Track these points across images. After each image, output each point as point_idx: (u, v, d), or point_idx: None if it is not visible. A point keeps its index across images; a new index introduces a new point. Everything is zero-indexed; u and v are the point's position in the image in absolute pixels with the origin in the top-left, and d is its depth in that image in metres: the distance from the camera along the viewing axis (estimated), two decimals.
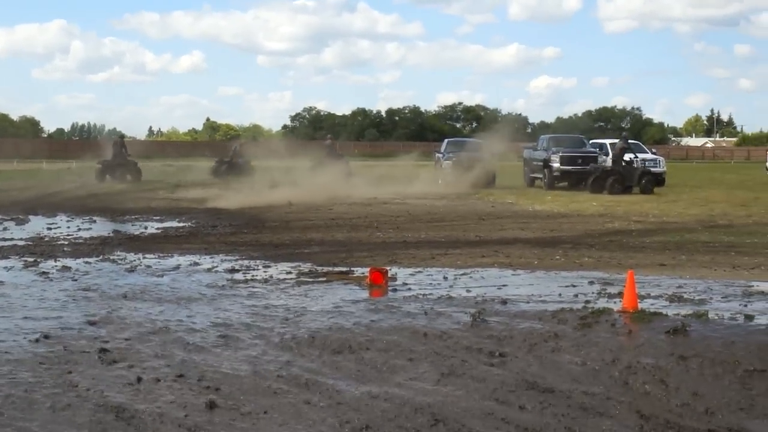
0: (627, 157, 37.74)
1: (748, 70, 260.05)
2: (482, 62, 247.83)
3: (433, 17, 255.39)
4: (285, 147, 53.96)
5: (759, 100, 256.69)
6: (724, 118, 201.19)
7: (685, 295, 12.01)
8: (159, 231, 21.44)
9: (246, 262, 15.33)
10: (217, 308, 11.17)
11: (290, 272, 14.22)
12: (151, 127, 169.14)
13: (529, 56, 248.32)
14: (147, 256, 16.13)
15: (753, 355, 8.74)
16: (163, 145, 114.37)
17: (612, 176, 37.10)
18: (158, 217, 25.18)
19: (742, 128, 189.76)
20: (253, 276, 13.81)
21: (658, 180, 39.19)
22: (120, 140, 48.03)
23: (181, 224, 23.31)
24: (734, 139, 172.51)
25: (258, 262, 15.42)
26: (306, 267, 14.79)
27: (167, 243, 18.39)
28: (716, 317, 10.41)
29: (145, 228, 22.11)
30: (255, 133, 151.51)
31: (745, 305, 11.29)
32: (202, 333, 9.77)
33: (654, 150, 46.78)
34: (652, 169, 39.69)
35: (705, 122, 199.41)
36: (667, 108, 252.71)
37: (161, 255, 16.26)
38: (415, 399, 7.43)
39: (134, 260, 15.52)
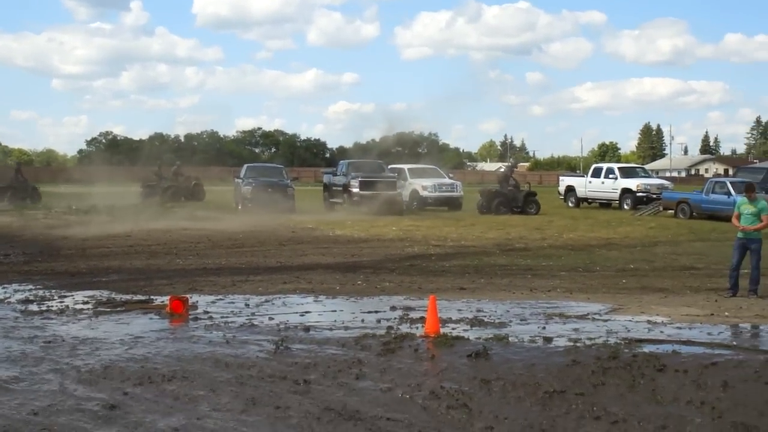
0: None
1: (539, 97, 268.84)
2: (281, 87, 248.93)
3: (231, 42, 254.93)
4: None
5: (549, 126, 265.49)
6: (517, 143, 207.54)
7: (486, 319, 12.22)
8: None
9: (41, 293, 14.81)
10: (10, 342, 10.73)
11: (87, 302, 13.81)
12: None
13: (327, 82, 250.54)
14: None
15: (553, 376, 8.94)
16: None
17: (498, 198, 39.35)
18: None
19: (534, 153, 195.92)
20: (48, 307, 13.34)
21: (455, 204, 40.66)
22: (17, 165, 50.86)
23: None
24: (527, 164, 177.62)
25: (53, 292, 14.90)
26: (104, 296, 14.41)
27: None
28: (516, 340, 10.63)
29: None
30: (49, 158, 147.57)
31: (544, 327, 11.55)
32: None
33: (451, 175, 47.63)
34: (448, 194, 41.03)
35: (499, 147, 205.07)
36: (462, 134, 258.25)
37: None
38: (219, 431, 7.30)
39: None
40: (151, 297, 14.31)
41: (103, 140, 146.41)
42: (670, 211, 38.06)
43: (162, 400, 8.24)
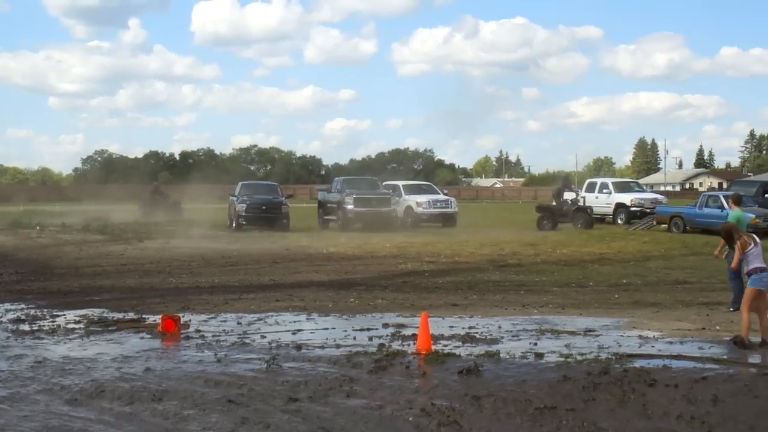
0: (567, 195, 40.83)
1: (535, 112, 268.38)
2: (278, 104, 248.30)
3: (229, 60, 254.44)
4: None
5: (545, 141, 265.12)
6: (513, 159, 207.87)
7: (478, 335, 12.22)
8: None
9: (32, 312, 14.77)
10: None
11: (79, 321, 13.78)
12: None
13: (325, 99, 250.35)
14: None
15: (544, 392, 8.94)
16: None
17: (541, 213, 39.93)
18: None
19: (529, 169, 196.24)
20: (39, 326, 13.31)
21: (450, 220, 40.72)
22: (154, 186, 57.26)
23: None
24: (522, 179, 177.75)
25: (45, 311, 14.86)
26: (96, 315, 14.37)
27: None
28: (508, 356, 10.63)
29: None
30: (44, 176, 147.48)
31: (535, 344, 11.56)
32: None
33: (446, 191, 47.61)
34: (442, 210, 41.15)
35: (494, 163, 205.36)
36: (458, 150, 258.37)
37: None
38: None
39: None
40: (143, 316, 14.28)
41: (99, 158, 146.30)
42: (664, 226, 38.03)
43: (152, 419, 8.22)
